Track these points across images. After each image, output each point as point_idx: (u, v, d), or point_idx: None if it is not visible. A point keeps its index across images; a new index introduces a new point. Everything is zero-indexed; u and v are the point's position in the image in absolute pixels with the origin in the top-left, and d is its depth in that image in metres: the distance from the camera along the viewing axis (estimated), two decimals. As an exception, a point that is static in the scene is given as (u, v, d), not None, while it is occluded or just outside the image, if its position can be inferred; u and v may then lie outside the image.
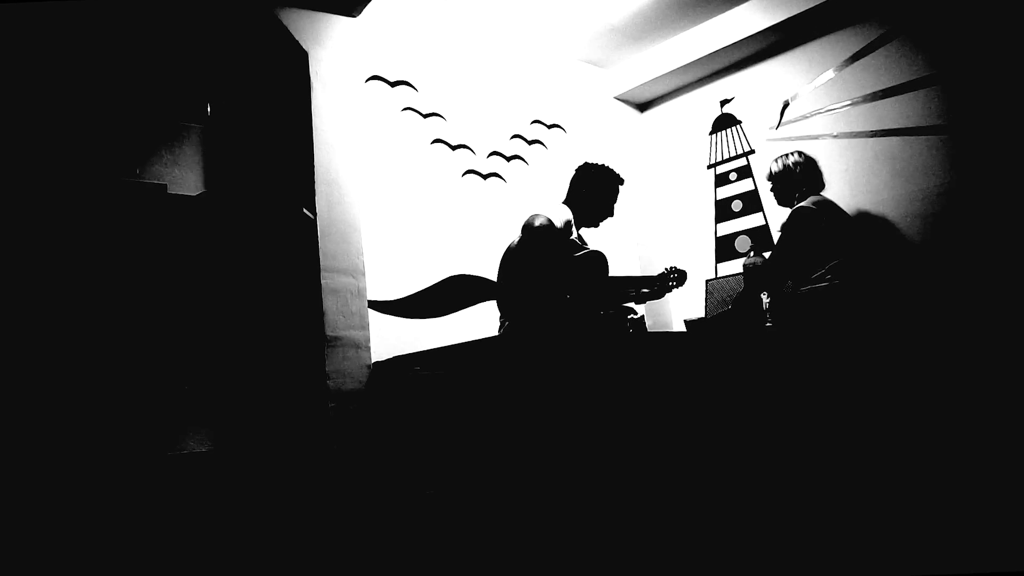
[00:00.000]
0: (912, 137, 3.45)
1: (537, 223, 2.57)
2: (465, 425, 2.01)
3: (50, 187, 2.28)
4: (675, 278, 2.95)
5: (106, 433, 2.41)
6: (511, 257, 2.80)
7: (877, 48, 3.60)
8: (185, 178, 2.80)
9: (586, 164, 2.89)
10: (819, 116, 3.78)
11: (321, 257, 2.97)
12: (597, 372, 2.05)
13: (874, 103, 3.60)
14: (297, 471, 2.67)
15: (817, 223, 3.04)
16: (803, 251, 3.07)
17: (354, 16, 3.29)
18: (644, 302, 2.93)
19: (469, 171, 3.66)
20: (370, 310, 3.10)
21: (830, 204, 3.15)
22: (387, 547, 2.41)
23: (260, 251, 2.94)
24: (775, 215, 3.94)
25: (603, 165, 2.89)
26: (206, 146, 2.92)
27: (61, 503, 2.20)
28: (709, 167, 4.34)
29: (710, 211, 4.34)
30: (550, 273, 2.56)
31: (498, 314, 2.94)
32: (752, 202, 4.12)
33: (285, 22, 3.09)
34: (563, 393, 1.87)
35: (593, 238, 3.10)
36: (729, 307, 3.08)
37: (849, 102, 3.67)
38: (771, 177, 3.35)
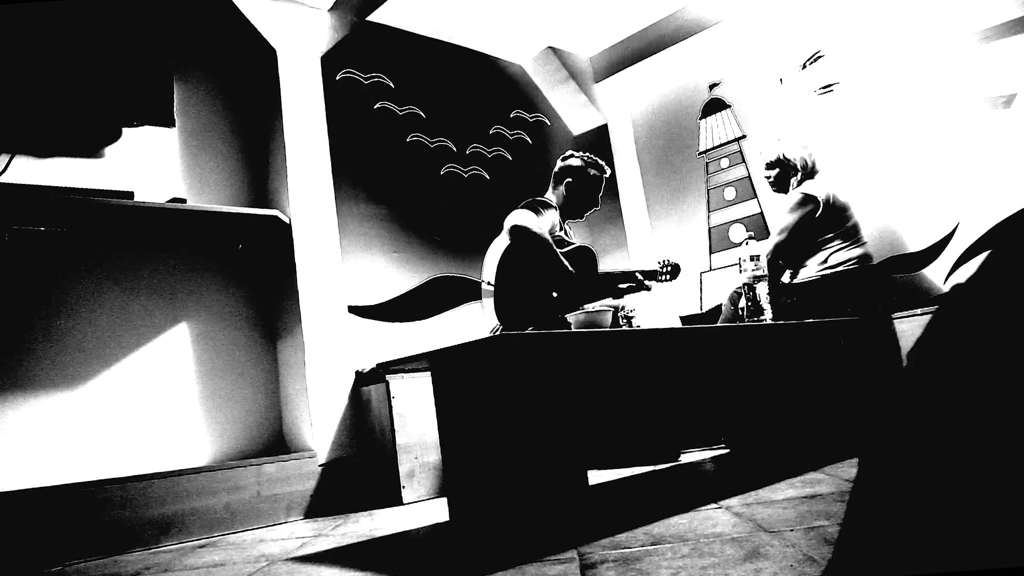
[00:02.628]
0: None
1: (520, 221, 2.44)
2: (461, 427, 1.90)
3: (11, 195, 2.17)
4: (668, 271, 2.83)
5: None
6: (497, 258, 2.69)
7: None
8: (154, 184, 2.68)
9: (569, 155, 2.76)
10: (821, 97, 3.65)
11: (297, 263, 2.85)
12: (592, 371, 1.94)
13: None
14: (283, 478, 2.57)
15: (817, 209, 2.96)
16: (805, 237, 2.98)
17: (324, 9, 3.16)
18: (624, 296, 2.81)
19: (449, 168, 3.53)
20: (351, 315, 2.99)
21: (829, 192, 3.05)
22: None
23: (235, 258, 2.83)
24: (770, 202, 3.82)
25: (587, 155, 2.76)
26: (175, 151, 2.81)
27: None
28: (700, 154, 4.21)
29: (702, 200, 4.20)
30: (538, 272, 2.44)
31: (485, 316, 2.82)
32: (746, 189, 3.99)
33: (252, 18, 2.96)
34: (558, 393, 1.76)
35: (581, 232, 2.98)
36: (726, 300, 2.97)
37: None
38: (769, 164, 3.24)
